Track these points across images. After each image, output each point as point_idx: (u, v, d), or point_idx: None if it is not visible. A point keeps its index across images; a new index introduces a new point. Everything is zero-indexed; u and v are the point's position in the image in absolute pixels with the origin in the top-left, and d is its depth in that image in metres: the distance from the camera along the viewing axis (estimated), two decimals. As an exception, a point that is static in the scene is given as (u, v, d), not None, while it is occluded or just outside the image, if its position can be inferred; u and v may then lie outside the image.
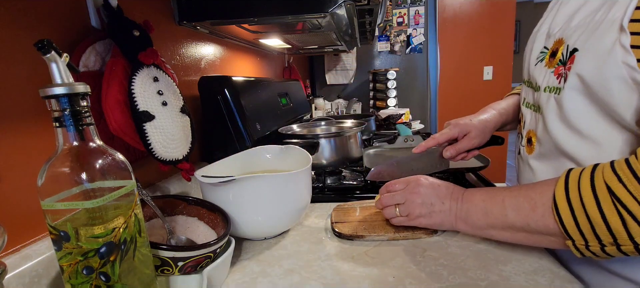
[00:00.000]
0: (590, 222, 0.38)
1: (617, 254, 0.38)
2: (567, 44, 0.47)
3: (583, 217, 0.39)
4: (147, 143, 0.57)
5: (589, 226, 0.38)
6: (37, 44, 0.31)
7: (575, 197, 0.40)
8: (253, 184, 0.54)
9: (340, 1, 0.76)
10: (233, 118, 0.87)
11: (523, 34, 5.23)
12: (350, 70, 2.49)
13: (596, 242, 0.39)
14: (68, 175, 0.33)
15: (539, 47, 0.55)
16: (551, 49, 0.51)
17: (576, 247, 0.41)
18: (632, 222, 0.36)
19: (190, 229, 0.56)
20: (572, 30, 0.47)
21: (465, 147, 0.69)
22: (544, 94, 0.51)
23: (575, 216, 0.39)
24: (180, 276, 0.45)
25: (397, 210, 0.58)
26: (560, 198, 0.41)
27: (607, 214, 0.37)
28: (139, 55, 0.58)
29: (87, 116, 0.34)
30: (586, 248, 0.40)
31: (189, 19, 0.81)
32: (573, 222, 0.39)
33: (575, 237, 0.40)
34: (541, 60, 0.53)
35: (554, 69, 0.49)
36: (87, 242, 0.33)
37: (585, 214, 0.38)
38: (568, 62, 0.46)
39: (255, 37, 1.16)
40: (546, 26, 0.55)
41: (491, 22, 2.94)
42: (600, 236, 0.38)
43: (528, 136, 0.58)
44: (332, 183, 0.89)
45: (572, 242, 0.41)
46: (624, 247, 0.37)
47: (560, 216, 0.40)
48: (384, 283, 0.47)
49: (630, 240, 0.36)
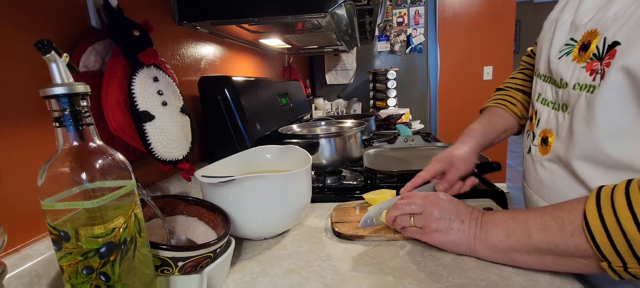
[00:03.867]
0: (628, 240, 0.34)
1: None
2: (603, 36, 0.42)
3: (619, 234, 0.35)
4: (147, 143, 0.57)
5: (626, 245, 0.35)
6: (37, 44, 0.31)
7: (608, 212, 0.36)
8: (253, 184, 0.54)
9: (340, 1, 0.76)
10: (233, 118, 0.87)
11: (523, 34, 5.23)
12: (350, 70, 2.49)
13: (636, 263, 0.35)
14: (68, 175, 0.33)
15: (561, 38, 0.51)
16: (580, 41, 0.47)
17: (613, 270, 0.37)
18: None
19: (190, 229, 0.56)
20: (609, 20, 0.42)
21: (454, 178, 0.66)
22: (574, 92, 0.47)
23: (610, 234, 0.35)
24: (180, 276, 0.45)
25: (412, 219, 0.54)
26: (592, 215, 0.37)
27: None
28: (139, 55, 0.58)
29: (87, 116, 0.34)
30: (625, 270, 0.36)
31: (189, 19, 0.81)
32: (608, 242, 0.36)
33: (611, 258, 0.36)
34: (567, 54, 0.49)
35: (585, 64, 0.45)
36: (87, 242, 0.33)
37: (622, 231, 0.35)
38: (606, 57, 0.42)
39: (255, 37, 1.16)
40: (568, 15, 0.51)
41: (491, 22, 2.94)
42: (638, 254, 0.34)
43: (543, 135, 0.55)
44: (332, 183, 0.89)
45: (608, 263, 0.37)
46: None
47: (593, 234, 0.36)
48: (384, 283, 0.47)
49: None
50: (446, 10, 2.95)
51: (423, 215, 0.53)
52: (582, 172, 0.47)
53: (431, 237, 0.52)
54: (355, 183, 0.88)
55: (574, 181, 0.49)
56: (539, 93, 0.58)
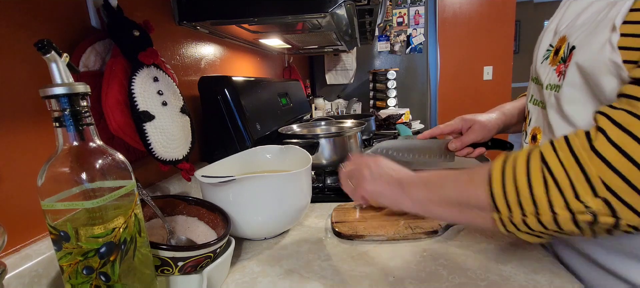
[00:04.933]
0: (517, 190, 0.38)
1: (536, 226, 0.38)
2: (568, 41, 0.47)
3: (511, 185, 0.38)
4: (147, 143, 0.57)
5: (515, 194, 0.38)
6: (37, 44, 0.31)
7: (509, 167, 0.39)
8: (253, 184, 0.54)
9: (340, 1, 0.76)
10: (233, 118, 0.87)
11: (523, 34, 5.23)
12: (350, 70, 2.49)
13: (519, 212, 0.38)
14: (68, 175, 0.33)
15: (545, 44, 0.55)
16: (555, 47, 0.51)
17: (502, 221, 0.40)
18: (554, 190, 0.35)
19: (190, 229, 0.56)
20: (576, 28, 0.47)
21: (468, 140, 0.70)
22: (546, 92, 0.51)
23: (505, 185, 0.39)
24: (180, 276, 0.45)
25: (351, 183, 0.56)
26: (496, 169, 0.40)
27: (534, 182, 0.36)
28: (139, 55, 0.58)
29: (87, 116, 0.34)
30: (510, 220, 0.39)
31: (189, 19, 0.81)
32: (501, 191, 0.39)
33: (501, 207, 0.39)
34: (546, 58, 0.54)
35: (556, 66, 0.50)
36: (87, 242, 0.33)
37: (514, 182, 0.38)
38: (567, 60, 0.46)
39: (255, 37, 1.16)
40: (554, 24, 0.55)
41: (491, 22, 2.94)
42: (523, 205, 0.37)
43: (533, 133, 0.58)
44: (332, 183, 0.89)
45: (499, 214, 0.40)
46: (542, 217, 0.36)
47: (492, 185, 0.40)
48: (384, 283, 0.47)
49: (550, 210, 0.36)
50: (446, 10, 2.95)
51: (356, 174, 0.55)
52: None
53: (362, 189, 0.53)
54: (355, 183, 0.88)
55: None
56: (531, 94, 0.61)
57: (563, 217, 0.35)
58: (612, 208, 0.33)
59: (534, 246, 0.53)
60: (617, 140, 0.33)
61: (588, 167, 0.34)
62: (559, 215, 0.35)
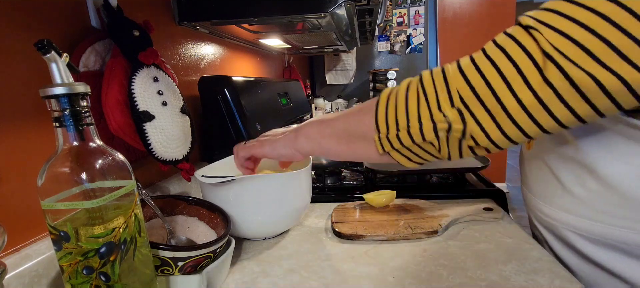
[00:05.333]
0: (396, 107, 0.41)
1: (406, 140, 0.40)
2: None
3: (392, 104, 0.41)
4: (147, 143, 0.57)
5: (394, 111, 0.41)
6: (37, 44, 0.31)
7: (394, 91, 0.42)
8: (253, 184, 0.54)
9: (340, 1, 0.76)
10: (233, 118, 0.87)
11: (523, 34, 5.22)
12: (350, 70, 2.49)
13: (394, 128, 0.41)
14: (68, 175, 0.33)
15: None
16: None
17: (380, 140, 0.42)
18: (423, 102, 0.39)
19: (190, 229, 0.56)
20: None
21: None
22: None
23: (388, 105, 0.42)
24: (180, 276, 0.45)
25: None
26: (384, 94, 0.43)
27: (410, 98, 0.40)
28: (139, 55, 0.58)
29: (87, 116, 0.34)
30: (386, 137, 0.42)
31: (189, 19, 0.81)
32: (384, 111, 0.42)
33: (381, 126, 0.42)
34: None
35: None
36: (87, 242, 0.33)
37: (395, 101, 0.41)
38: None
39: (255, 37, 1.16)
40: None
41: (491, 22, 2.93)
42: (399, 119, 0.40)
43: None
44: (332, 183, 0.89)
45: (378, 134, 0.42)
46: (412, 129, 0.39)
47: (377, 109, 0.42)
48: (384, 283, 0.47)
49: (418, 121, 0.39)
50: (446, 10, 2.95)
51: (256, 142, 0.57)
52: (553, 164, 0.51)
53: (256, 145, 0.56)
54: (355, 183, 0.88)
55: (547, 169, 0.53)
56: None
57: (427, 127, 0.38)
58: (463, 117, 0.37)
59: (534, 246, 0.53)
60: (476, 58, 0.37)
61: (450, 81, 0.38)
62: (424, 126, 0.39)
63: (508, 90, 0.34)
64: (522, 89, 0.33)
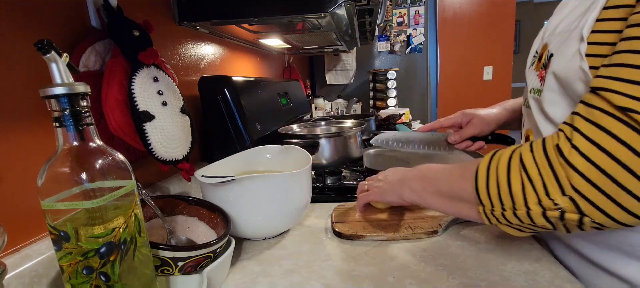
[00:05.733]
0: (498, 186, 0.41)
1: (513, 219, 0.40)
2: (549, 49, 0.50)
3: (494, 181, 0.41)
4: (147, 143, 0.57)
5: (496, 190, 0.41)
6: (37, 44, 0.31)
7: (493, 165, 0.42)
8: (253, 184, 0.54)
9: (340, 1, 0.76)
10: (233, 118, 0.87)
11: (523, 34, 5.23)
12: (350, 70, 2.49)
13: (499, 206, 0.41)
14: (68, 175, 0.33)
15: (533, 51, 0.58)
16: (539, 53, 0.54)
17: (485, 214, 0.43)
18: (529, 187, 0.38)
19: (190, 229, 0.56)
20: (555, 36, 0.49)
21: (467, 134, 0.72)
22: (530, 96, 0.54)
23: (489, 180, 0.42)
24: (180, 276, 0.45)
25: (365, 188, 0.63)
26: (482, 166, 0.43)
27: (512, 179, 0.40)
28: (139, 55, 0.58)
29: (87, 116, 0.34)
30: (491, 213, 0.42)
31: (189, 19, 0.81)
32: (485, 186, 0.42)
33: (484, 201, 0.42)
34: (532, 64, 0.56)
35: (538, 72, 0.52)
36: (87, 242, 0.33)
37: (496, 179, 0.41)
38: (547, 66, 0.49)
39: (255, 37, 1.16)
40: (543, 31, 0.58)
41: (491, 22, 2.93)
42: (503, 199, 0.40)
43: (526, 135, 0.59)
44: (332, 183, 0.89)
45: (482, 207, 0.43)
46: (518, 211, 0.39)
47: (477, 180, 0.43)
48: (384, 283, 0.47)
49: (525, 205, 0.39)
50: (446, 10, 2.95)
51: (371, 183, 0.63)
52: None
53: (372, 193, 0.61)
54: (355, 183, 0.88)
55: None
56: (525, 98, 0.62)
57: (535, 212, 0.38)
58: (578, 205, 0.36)
59: (534, 246, 0.53)
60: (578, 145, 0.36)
61: (557, 168, 0.37)
62: (532, 210, 0.38)
63: (629, 174, 0.33)
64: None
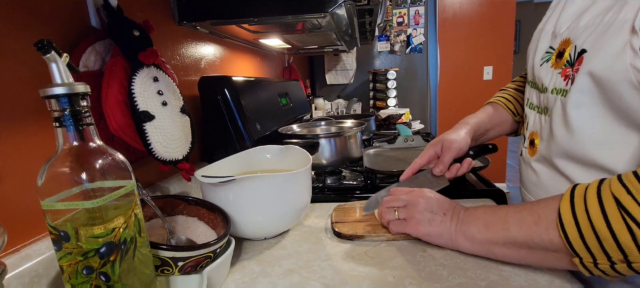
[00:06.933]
0: (598, 238, 0.36)
1: (628, 272, 0.36)
2: (574, 44, 0.45)
3: (590, 231, 0.36)
4: (147, 143, 0.57)
5: (596, 242, 0.36)
6: (37, 44, 0.31)
7: (581, 210, 0.37)
8: (253, 184, 0.54)
9: (340, 1, 0.76)
10: (233, 118, 0.87)
11: (523, 34, 5.23)
12: (350, 70, 2.49)
13: (605, 259, 0.36)
14: (68, 175, 0.33)
15: (544, 46, 0.54)
16: (557, 49, 0.50)
17: (584, 265, 0.38)
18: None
19: (190, 229, 0.56)
20: (580, 30, 0.45)
21: (448, 159, 0.67)
22: (552, 96, 0.50)
23: (581, 230, 0.37)
24: (180, 276, 0.45)
25: (397, 213, 0.56)
26: (566, 212, 0.38)
27: (616, 228, 0.34)
28: (139, 55, 0.58)
29: (87, 116, 0.34)
30: (595, 266, 0.37)
31: (189, 19, 0.81)
32: (579, 237, 0.37)
33: (582, 254, 0.37)
34: (547, 61, 0.52)
35: (560, 70, 0.48)
36: (87, 242, 0.33)
37: (592, 229, 0.36)
38: (576, 63, 0.44)
39: (255, 37, 1.16)
40: (551, 25, 0.54)
41: (491, 22, 2.93)
42: (610, 253, 0.35)
43: (531, 138, 0.57)
44: (332, 183, 0.89)
45: (580, 259, 0.38)
46: (635, 264, 0.34)
47: (565, 230, 0.38)
48: (384, 283, 0.47)
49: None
50: (446, 10, 2.95)
51: (407, 208, 0.55)
52: (565, 169, 0.49)
53: (415, 228, 0.54)
54: (355, 183, 0.88)
55: (560, 178, 0.51)
56: (527, 98, 0.61)
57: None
58: None
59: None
60: None
61: None
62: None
63: None
64: None
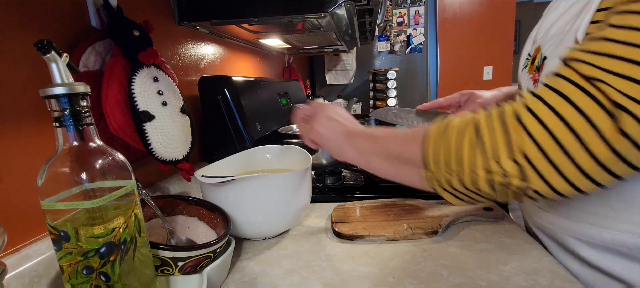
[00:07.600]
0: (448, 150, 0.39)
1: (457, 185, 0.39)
2: (542, 51, 0.48)
3: (444, 145, 0.39)
4: (147, 143, 0.57)
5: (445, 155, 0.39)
6: (37, 44, 0.31)
7: (444, 128, 0.40)
8: (253, 184, 0.54)
9: (340, 1, 0.76)
10: (233, 118, 0.87)
11: (523, 34, 5.22)
12: (350, 70, 2.49)
13: (445, 171, 0.39)
14: (68, 175, 0.33)
15: (526, 52, 0.57)
16: (532, 56, 0.53)
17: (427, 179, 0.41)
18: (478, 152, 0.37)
19: (190, 229, 0.56)
20: (548, 38, 0.48)
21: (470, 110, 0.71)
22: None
23: (439, 144, 0.40)
24: (180, 276, 0.45)
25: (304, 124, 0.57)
26: (434, 129, 0.41)
27: (464, 143, 0.37)
28: (139, 55, 0.58)
29: (87, 116, 0.34)
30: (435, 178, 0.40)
31: (189, 19, 0.81)
32: (434, 150, 0.40)
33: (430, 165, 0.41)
34: (525, 67, 0.55)
35: (532, 74, 0.51)
36: (87, 242, 0.33)
37: (447, 143, 0.39)
38: (541, 69, 0.48)
39: (255, 37, 1.16)
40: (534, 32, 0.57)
41: (491, 22, 2.94)
42: (451, 164, 0.39)
43: None
44: (332, 183, 0.89)
45: (427, 172, 0.41)
46: (464, 177, 0.38)
47: (426, 144, 0.41)
48: (384, 283, 0.47)
49: (471, 170, 0.37)
50: (446, 10, 2.95)
51: (314, 115, 0.56)
52: None
53: (314, 132, 0.54)
54: (355, 183, 0.88)
55: None
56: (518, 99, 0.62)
57: (482, 178, 0.37)
58: (523, 171, 0.34)
59: (534, 246, 0.53)
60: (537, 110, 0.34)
61: (511, 132, 0.35)
62: (479, 177, 0.37)
63: (579, 144, 0.32)
64: (596, 142, 0.31)
